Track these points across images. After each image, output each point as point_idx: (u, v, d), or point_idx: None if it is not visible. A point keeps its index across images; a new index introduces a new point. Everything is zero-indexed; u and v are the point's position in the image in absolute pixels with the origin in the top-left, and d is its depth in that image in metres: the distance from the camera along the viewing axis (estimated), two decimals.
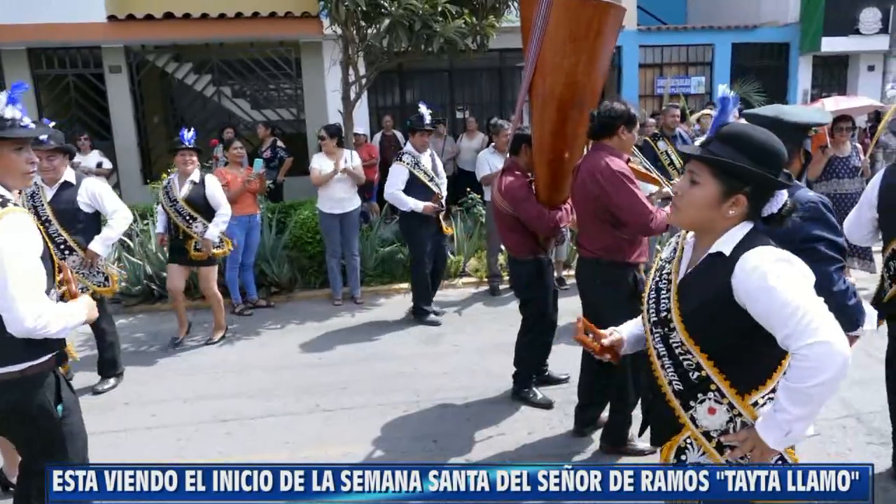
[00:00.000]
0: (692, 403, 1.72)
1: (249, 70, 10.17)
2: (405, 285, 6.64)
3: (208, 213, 5.16)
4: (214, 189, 5.19)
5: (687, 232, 1.81)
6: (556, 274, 6.51)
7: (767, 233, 1.68)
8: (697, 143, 1.80)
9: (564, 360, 4.35)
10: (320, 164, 6.10)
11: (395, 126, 10.19)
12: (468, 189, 7.77)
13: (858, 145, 6.49)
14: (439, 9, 6.12)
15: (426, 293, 5.85)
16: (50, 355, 2.18)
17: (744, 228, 1.66)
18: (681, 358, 1.72)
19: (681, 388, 1.73)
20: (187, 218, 5.12)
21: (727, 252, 1.63)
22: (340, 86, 7.16)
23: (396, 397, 4.26)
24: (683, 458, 1.76)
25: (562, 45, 3.24)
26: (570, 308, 5.08)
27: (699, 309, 1.67)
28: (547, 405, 4.01)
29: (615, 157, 3.17)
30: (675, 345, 1.73)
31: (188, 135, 5.08)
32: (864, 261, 5.79)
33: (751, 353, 1.67)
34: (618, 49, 11.83)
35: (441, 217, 5.75)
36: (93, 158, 8.75)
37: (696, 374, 1.70)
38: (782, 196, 1.67)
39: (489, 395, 4.25)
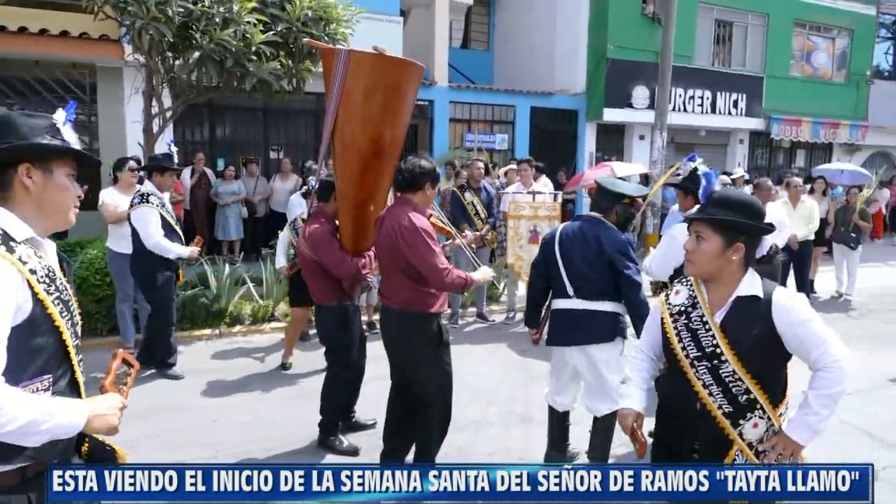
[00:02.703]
0: (741, 422, 2.05)
1: (33, 91, 9.12)
2: (207, 331, 6.29)
3: None
4: None
5: (698, 282, 2.16)
6: (367, 318, 6.58)
7: None
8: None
9: (371, 405, 4.38)
10: (113, 198, 5.60)
11: (206, 163, 9.75)
12: (279, 231, 7.59)
13: None
14: (253, 48, 6.04)
15: (170, 345, 5.38)
16: (10, 467, 1.53)
17: (754, 274, 2.09)
18: (730, 385, 2.04)
19: (731, 410, 2.05)
20: None
21: (760, 294, 2.04)
22: (142, 117, 6.71)
23: (192, 453, 3.96)
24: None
25: (360, 97, 3.34)
26: (380, 353, 5.14)
27: (750, 342, 2.02)
28: (353, 452, 3.99)
29: (418, 213, 3.31)
30: (724, 375, 2.04)
31: None
32: None
33: (779, 374, 2.09)
34: (430, 103, 12.50)
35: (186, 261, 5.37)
36: None
37: (745, 396, 2.04)
38: (768, 241, 2.14)
39: (294, 445, 4.12)
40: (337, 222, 3.92)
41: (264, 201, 10.03)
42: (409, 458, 3.64)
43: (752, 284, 2.06)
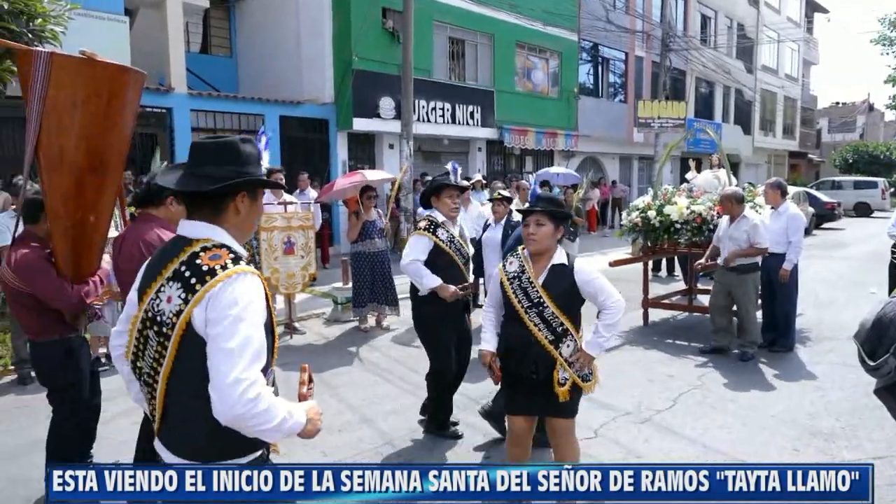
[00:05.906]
0: (560, 345, 3.05)
1: None
2: None
3: None
4: None
5: (525, 256, 3.12)
6: (93, 353, 5.85)
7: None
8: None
9: (112, 447, 3.92)
10: None
11: None
12: None
13: (381, 210, 7.72)
14: None
15: None
16: (253, 455, 1.73)
17: (561, 249, 3.14)
18: (551, 321, 3.03)
19: (552, 338, 3.04)
20: None
21: (567, 263, 3.09)
22: None
23: None
24: (558, 375, 3.01)
25: (69, 107, 2.95)
26: (117, 386, 4.61)
27: (562, 294, 3.04)
28: None
29: (166, 230, 3.08)
30: (548, 316, 3.03)
31: None
32: None
33: (578, 311, 3.13)
34: (168, 111, 11.61)
35: None
36: None
37: (561, 328, 3.04)
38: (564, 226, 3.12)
39: None
40: (51, 245, 3.43)
41: None
42: None
43: (561, 256, 3.10)
